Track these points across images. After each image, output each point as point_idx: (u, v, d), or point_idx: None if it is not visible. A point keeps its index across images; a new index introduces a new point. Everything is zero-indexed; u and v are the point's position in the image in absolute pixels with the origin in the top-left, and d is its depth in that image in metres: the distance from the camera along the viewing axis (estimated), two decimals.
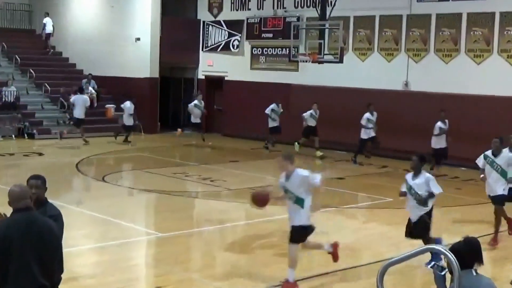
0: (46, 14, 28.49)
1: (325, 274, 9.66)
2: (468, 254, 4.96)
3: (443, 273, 4.82)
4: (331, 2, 21.29)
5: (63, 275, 5.69)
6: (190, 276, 9.69)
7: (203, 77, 27.54)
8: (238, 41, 25.96)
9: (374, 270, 5.20)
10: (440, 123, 17.83)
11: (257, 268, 9.86)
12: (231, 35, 26.18)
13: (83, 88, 24.35)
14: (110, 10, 27.28)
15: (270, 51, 25.16)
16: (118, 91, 26.03)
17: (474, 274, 4.96)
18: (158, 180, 17.05)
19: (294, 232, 8.94)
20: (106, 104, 25.50)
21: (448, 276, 4.66)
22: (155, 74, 26.46)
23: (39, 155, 20.72)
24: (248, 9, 25.65)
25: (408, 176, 9.95)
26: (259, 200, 9.13)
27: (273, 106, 22.07)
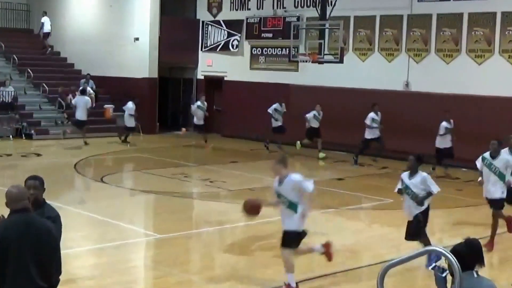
0: (44, 13, 28.43)
1: (325, 275, 9.63)
2: (469, 255, 4.94)
3: (444, 274, 4.79)
4: (331, 2, 21.27)
5: (61, 277, 5.69)
6: (189, 278, 9.70)
7: (202, 77, 27.49)
8: (238, 41, 25.88)
9: (375, 272, 5.22)
10: (445, 123, 17.87)
11: (256, 270, 9.87)
12: (230, 35, 26.11)
13: (85, 89, 24.22)
14: (108, 10, 27.27)
15: (269, 51, 25.08)
16: (116, 91, 26.02)
17: (475, 275, 4.95)
18: (157, 181, 17.01)
19: (286, 237, 8.84)
20: (105, 105, 25.41)
21: (449, 278, 4.66)
22: (154, 74, 26.41)
23: (37, 156, 20.68)
24: (248, 9, 25.60)
25: (404, 175, 9.96)
26: (251, 208, 9.02)
27: (276, 105, 21.97)
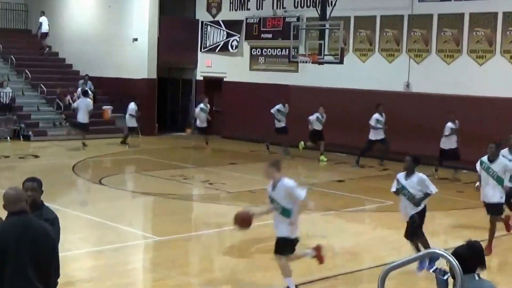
0: (42, 13, 28.37)
1: (326, 278, 9.60)
2: (470, 258, 4.93)
3: (445, 277, 4.76)
4: (331, 2, 21.23)
5: (60, 280, 5.67)
6: (188, 281, 9.68)
7: (201, 78, 27.42)
8: (237, 41, 25.80)
9: (375, 274, 5.23)
10: (450, 124, 17.79)
11: (256, 273, 9.83)
12: (229, 36, 26.01)
13: (86, 91, 24.09)
14: (107, 10, 27.25)
15: (269, 51, 24.99)
16: (115, 92, 25.94)
17: (477, 278, 4.94)
18: (155, 183, 16.96)
19: (279, 244, 8.73)
20: (103, 106, 25.29)
21: (450, 280, 4.66)
22: (153, 75, 26.36)
23: (35, 158, 20.60)
24: (247, 9, 25.53)
25: (400, 176, 9.92)
26: (242, 221, 8.86)
27: (279, 106, 21.88)
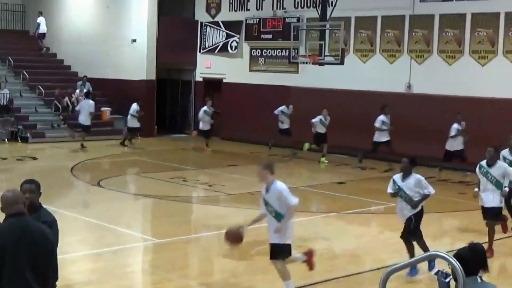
0: (40, 13, 28.35)
1: (326, 281, 9.56)
2: (473, 260, 4.89)
3: (447, 280, 4.71)
4: (332, 3, 21.16)
5: (58, 283, 5.62)
6: (187, 283, 9.64)
7: (201, 79, 27.34)
8: (237, 42, 25.68)
9: (377, 277, 5.21)
10: (456, 125, 17.68)
11: (256, 275, 9.76)
12: (229, 36, 25.88)
13: (89, 92, 23.96)
14: (105, 10, 27.21)
15: (269, 52, 24.88)
16: (114, 93, 25.82)
17: (479, 281, 4.90)
18: (155, 185, 16.94)
19: (273, 249, 8.60)
20: (102, 107, 25.14)
21: (452, 283, 4.65)
22: (152, 76, 26.30)
23: (33, 159, 20.59)
24: (247, 9, 25.44)
25: (396, 177, 9.84)
26: (233, 239, 8.68)
27: (283, 107, 21.78)
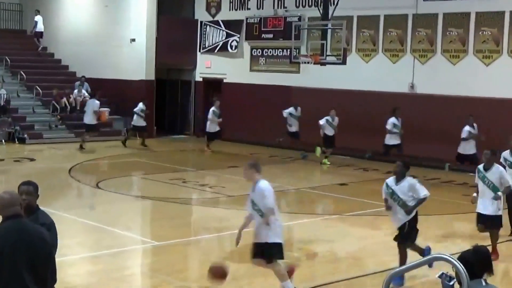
0: (37, 12, 28.26)
1: (328, 284, 9.53)
2: (477, 263, 4.86)
3: (451, 283, 4.70)
4: (334, 1, 20.99)
5: (56, 285, 5.54)
6: (187, 286, 9.66)
7: (200, 79, 27.21)
8: (237, 41, 25.51)
9: (380, 279, 5.12)
10: (468, 127, 17.34)
11: (256, 278, 9.56)
12: (229, 36, 25.69)
13: (95, 92, 23.77)
14: (104, 10, 27.10)
15: (270, 52, 24.73)
16: (112, 94, 25.67)
17: (484, 284, 4.86)
18: (154, 186, 16.90)
19: (266, 251, 8.49)
20: (100, 108, 24.86)
21: (456, 286, 4.62)
22: (151, 76, 26.19)
23: (31, 161, 20.50)
24: (248, 8, 25.31)
25: (389, 180, 9.72)
26: (215, 274, 8.36)
27: (291, 109, 21.56)
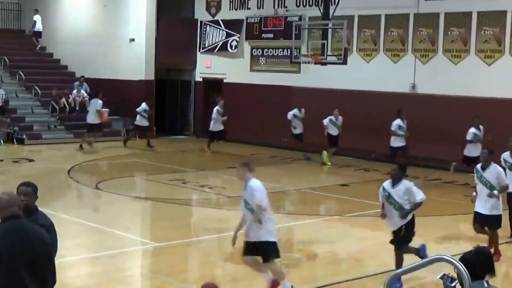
0: (36, 11, 28.22)
1: (329, 285, 9.54)
2: (479, 264, 4.84)
3: (453, 284, 4.64)
4: (335, 1, 20.88)
5: (56, 287, 5.52)
6: (187, 287, 9.63)
7: (200, 79, 27.14)
8: (236, 41, 25.41)
9: (381, 281, 4.98)
10: (473, 129, 17.08)
11: (256, 279, 9.45)
12: (229, 35, 25.61)
13: (98, 91, 23.60)
14: (103, 9, 27.06)
15: (270, 52, 24.63)
16: (112, 94, 25.54)
17: (486, 285, 4.84)
18: (154, 187, 16.92)
19: (262, 250, 8.50)
20: (102, 108, 24.81)
21: (458, 287, 4.59)
22: (151, 77, 26.15)
23: (29, 162, 20.45)
24: (248, 8, 25.23)
25: (386, 184, 9.66)
26: None
27: (295, 111, 21.43)
